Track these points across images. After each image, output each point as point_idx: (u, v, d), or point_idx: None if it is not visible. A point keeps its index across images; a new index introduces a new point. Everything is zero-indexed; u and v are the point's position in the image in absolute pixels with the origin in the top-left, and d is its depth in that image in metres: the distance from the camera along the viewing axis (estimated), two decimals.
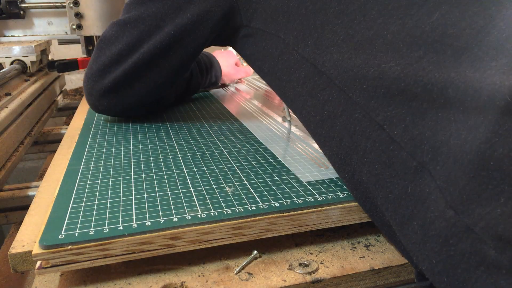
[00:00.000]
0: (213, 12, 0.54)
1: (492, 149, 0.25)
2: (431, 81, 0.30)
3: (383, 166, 0.33)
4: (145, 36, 0.57)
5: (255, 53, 0.53)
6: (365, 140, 0.35)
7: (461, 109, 0.28)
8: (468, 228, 0.26)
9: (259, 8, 0.50)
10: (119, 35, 0.58)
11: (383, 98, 0.33)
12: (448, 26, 0.31)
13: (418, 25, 0.33)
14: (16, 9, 1.21)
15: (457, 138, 0.28)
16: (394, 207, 0.33)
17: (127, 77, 0.59)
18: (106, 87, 0.60)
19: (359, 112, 0.36)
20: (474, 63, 0.28)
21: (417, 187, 0.30)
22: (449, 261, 0.27)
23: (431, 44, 0.31)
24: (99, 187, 0.43)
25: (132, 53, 0.57)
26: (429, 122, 0.30)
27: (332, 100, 0.39)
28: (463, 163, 0.27)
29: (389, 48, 0.34)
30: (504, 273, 0.24)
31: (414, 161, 0.30)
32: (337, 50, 0.39)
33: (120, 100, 0.62)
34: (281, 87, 0.49)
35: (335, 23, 0.40)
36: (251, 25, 0.52)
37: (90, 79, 0.61)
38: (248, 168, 0.48)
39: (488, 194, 0.25)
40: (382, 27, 0.36)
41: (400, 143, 0.31)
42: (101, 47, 0.60)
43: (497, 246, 0.24)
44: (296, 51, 0.45)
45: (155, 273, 0.36)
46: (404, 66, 0.32)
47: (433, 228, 0.28)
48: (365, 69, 0.35)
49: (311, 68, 0.42)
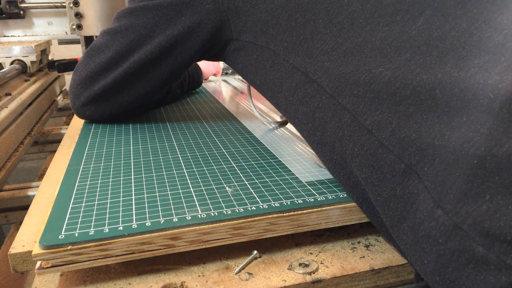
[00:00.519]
0: (203, 25, 0.55)
1: (474, 147, 0.25)
2: (420, 84, 0.31)
3: (371, 170, 0.34)
4: (135, 45, 0.57)
5: (247, 66, 0.53)
6: (352, 145, 0.36)
7: (446, 110, 0.28)
8: (457, 226, 0.26)
9: (248, 21, 0.51)
10: (109, 43, 0.58)
11: (371, 103, 0.34)
12: (433, 29, 0.32)
13: (404, 30, 0.34)
14: (16, 9, 1.22)
15: (441, 139, 0.28)
16: (384, 209, 0.33)
17: (116, 85, 0.59)
18: (95, 93, 0.60)
19: (348, 117, 0.36)
20: (458, 62, 0.29)
21: (405, 189, 0.31)
22: (439, 261, 0.27)
23: (417, 47, 0.32)
24: (99, 187, 0.43)
25: (122, 62, 0.58)
26: (414, 124, 0.30)
27: (322, 106, 0.40)
28: (448, 163, 0.27)
29: (377, 53, 0.35)
30: (492, 269, 0.24)
31: (402, 163, 0.31)
32: (327, 58, 0.40)
33: (108, 106, 0.62)
34: (273, 97, 0.50)
35: (324, 33, 0.41)
36: (241, 38, 0.53)
37: (79, 85, 0.61)
38: (248, 168, 0.48)
39: (474, 192, 0.25)
40: (370, 34, 0.37)
41: (388, 147, 0.32)
42: (91, 55, 0.60)
43: (485, 242, 0.25)
44: (287, 61, 0.46)
45: (155, 273, 0.36)
46: (393, 70, 0.33)
47: (422, 229, 0.29)
48: (357, 75, 0.36)
49: (302, 77, 0.43)
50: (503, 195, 0.24)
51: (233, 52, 0.55)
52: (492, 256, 0.24)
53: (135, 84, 0.60)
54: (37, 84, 0.96)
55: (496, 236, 0.24)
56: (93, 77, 0.59)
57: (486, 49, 0.28)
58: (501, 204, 0.24)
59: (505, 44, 0.27)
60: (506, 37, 0.27)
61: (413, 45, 0.33)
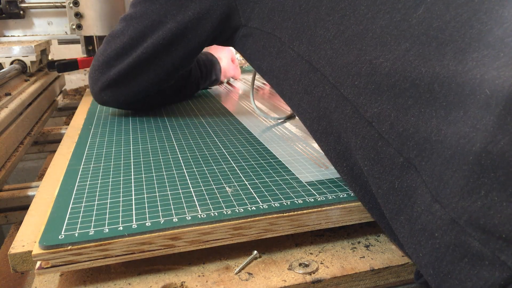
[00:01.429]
0: (212, 11, 0.56)
1: (470, 143, 0.26)
2: (419, 76, 0.30)
3: (372, 162, 0.34)
4: (148, 31, 0.59)
5: (254, 53, 0.54)
6: (355, 137, 0.36)
7: (444, 105, 0.28)
8: (453, 220, 0.26)
9: (256, 7, 0.52)
10: (125, 29, 0.60)
11: (371, 95, 0.34)
12: (434, 19, 0.32)
13: (405, 18, 0.34)
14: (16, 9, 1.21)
15: (438, 134, 0.28)
16: (384, 202, 0.33)
17: (131, 70, 0.61)
18: (111, 78, 0.62)
19: (350, 109, 0.36)
20: (456, 54, 0.29)
21: (404, 183, 0.31)
22: (434, 254, 0.28)
23: (417, 37, 0.32)
24: (99, 187, 0.43)
25: (136, 47, 0.60)
26: (412, 118, 0.30)
27: (325, 96, 0.40)
28: (445, 158, 0.27)
29: (377, 42, 0.35)
30: (487, 264, 0.24)
31: (401, 157, 0.31)
32: (329, 47, 0.40)
33: (124, 91, 0.65)
34: (279, 85, 0.50)
35: (326, 20, 0.41)
36: (249, 24, 0.53)
37: (97, 70, 0.63)
38: (248, 168, 0.48)
39: (469, 187, 0.25)
40: (371, 22, 0.36)
41: (388, 140, 0.32)
42: (109, 41, 0.62)
43: (481, 238, 0.25)
44: (292, 49, 0.46)
45: (155, 273, 0.36)
46: (393, 61, 0.33)
47: (419, 222, 0.29)
48: (358, 66, 0.36)
49: (306, 65, 0.43)
50: (498, 191, 0.24)
51: (242, 39, 0.56)
52: (487, 252, 0.24)
53: (149, 69, 0.62)
54: (37, 84, 0.96)
55: (492, 232, 0.24)
56: (109, 62, 0.62)
57: (486, 43, 0.28)
58: (495, 200, 0.24)
59: (504, 39, 0.27)
60: (506, 32, 0.27)
61: (413, 34, 0.32)
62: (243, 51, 0.57)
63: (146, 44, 0.59)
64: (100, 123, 0.67)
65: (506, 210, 0.24)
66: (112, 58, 0.61)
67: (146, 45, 0.59)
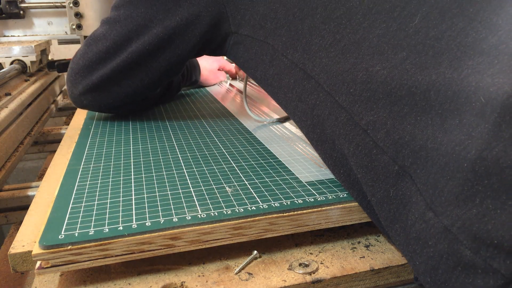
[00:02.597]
0: (202, 17, 0.54)
1: (466, 151, 0.26)
2: (415, 84, 0.30)
3: (365, 170, 0.34)
4: (133, 35, 0.56)
5: (247, 61, 0.53)
6: (348, 144, 0.36)
7: (440, 112, 0.28)
8: (446, 228, 0.26)
9: (247, 15, 0.51)
10: (107, 32, 0.58)
11: (367, 102, 0.34)
12: (430, 28, 0.32)
13: (401, 28, 0.34)
14: (16, 9, 1.21)
15: (434, 141, 0.28)
16: (378, 209, 0.33)
17: (114, 75, 0.59)
18: (93, 83, 0.60)
19: (344, 116, 0.36)
20: (452, 62, 0.29)
21: (399, 191, 0.31)
22: (430, 263, 0.28)
23: (414, 46, 0.32)
24: (99, 187, 0.43)
25: (119, 52, 0.57)
26: (408, 126, 0.30)
27: (319, 104, 0.40)
28: (440, 165, 0.27)
29: (374, 51, 0.35)
30: (480, 273, 0.24)
31: (396, 165, 0.31)
32: (325, 55, 0.40)
33: (106, 96, 0.62)
34: (274, 93, 0.50)
35: (322, 28, 0.41)
36: (239, 32, 0.52)
37: (77, 74, 0.60)
38: (248, 168, 0.48)
39: (464, 195, 0.25)
40: (367, 31, 0.36)
41: (383, 148, 0.32)
42: (90, 44, 0.60)
43: (472, 246, 0.25)
44: (285, 57, 0.45)
45: (155, 273, 0.36)
46: (390, 70, 0.33)
47: (414, 231, 0.29)
48: (354, 74, 0.36)
49: (300, 73, 0.43)
50: (492, 199, 0.24)
51: (233, 47, 0.54)
52: (479, 260, 0.24)
53: (134, 75, 0.59)
54: (37, 84, 0.96)
55: (483, 239, 0.24)
56: (91, 66, 0.59)
57: (480, 51, 0.28)
58: (490, 208, 0.24)
59: (498, 46, 0.27)
60: (500, 39, 0.27)
61: (410, 44, 0.32)
62: (236, 60, 0.56)
63: (130, 49, 0.56)
64: (100, 123, 0.67)
65: (500, 217, 0.24)
66: (94, 62, 0.58)
67: (131, 49, 0.56)
